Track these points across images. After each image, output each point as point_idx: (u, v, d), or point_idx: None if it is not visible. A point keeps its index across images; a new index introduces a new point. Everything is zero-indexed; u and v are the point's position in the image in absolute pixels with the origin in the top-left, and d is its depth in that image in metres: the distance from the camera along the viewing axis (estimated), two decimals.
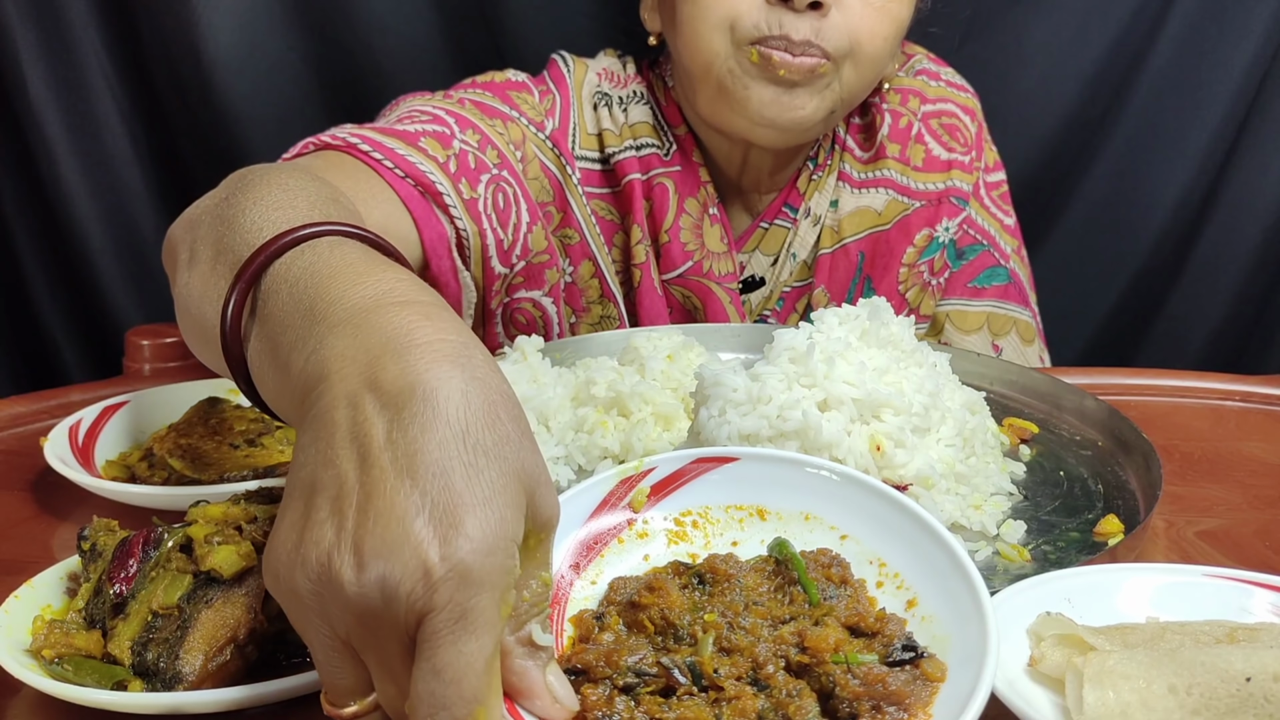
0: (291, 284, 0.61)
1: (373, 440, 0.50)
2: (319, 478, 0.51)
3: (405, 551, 0.48)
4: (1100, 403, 1.00)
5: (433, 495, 0.49)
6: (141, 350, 1.22)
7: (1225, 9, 1.61)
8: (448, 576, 0.48)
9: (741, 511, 0.69)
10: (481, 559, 0.48)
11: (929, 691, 0.57)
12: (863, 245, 1.28)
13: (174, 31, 1.49)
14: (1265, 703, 0.57)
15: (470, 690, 0.48)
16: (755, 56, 1.09)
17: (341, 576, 0.49)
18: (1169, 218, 1.70)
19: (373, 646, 0.51)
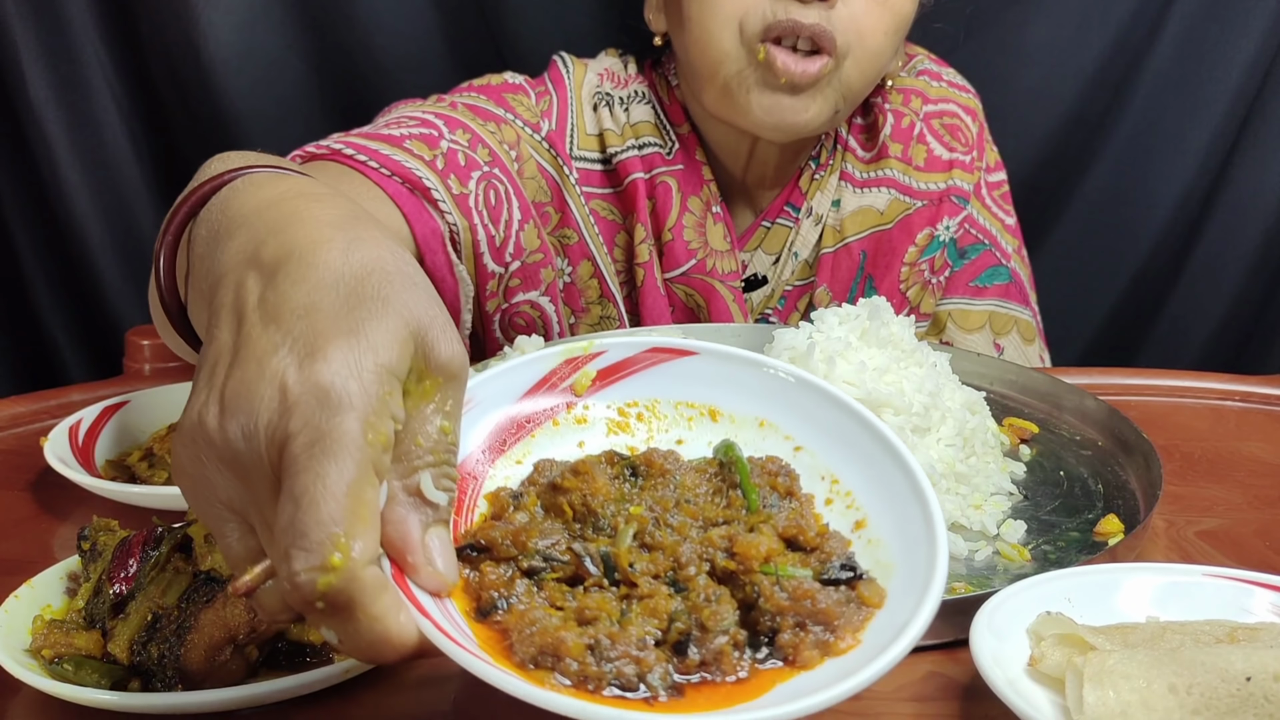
0: (208, 223, 0.60)
1: (247, 305, 0.50)
2: (204, 357, 0.51)
3: (263, 386, 0.46)
4: (1100, 403, 1.00)
5: (295, 332, 0.47)
6: (141, 350, 1.22)
7: (1225, 8, 1.61)
8: (303, 398, 0.46)
9: (692, 410, 0.64)
10: (342, 380, 0.46)
11: (862, 616, 0.53)
12: (865, 244, 1.28)
13: (174, 31, 1.49)
14: (1265, 702, 0.57)
15: (328, 514, 0.44)
16: (763, 55, 1.09)
17: (208, 428, 0.47)
18: (1169, 217, 1.70)
19: (251, 502, 0.48)
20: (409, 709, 0.65)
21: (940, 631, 0.70)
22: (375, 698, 0.65)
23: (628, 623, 0.51)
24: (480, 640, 0.50)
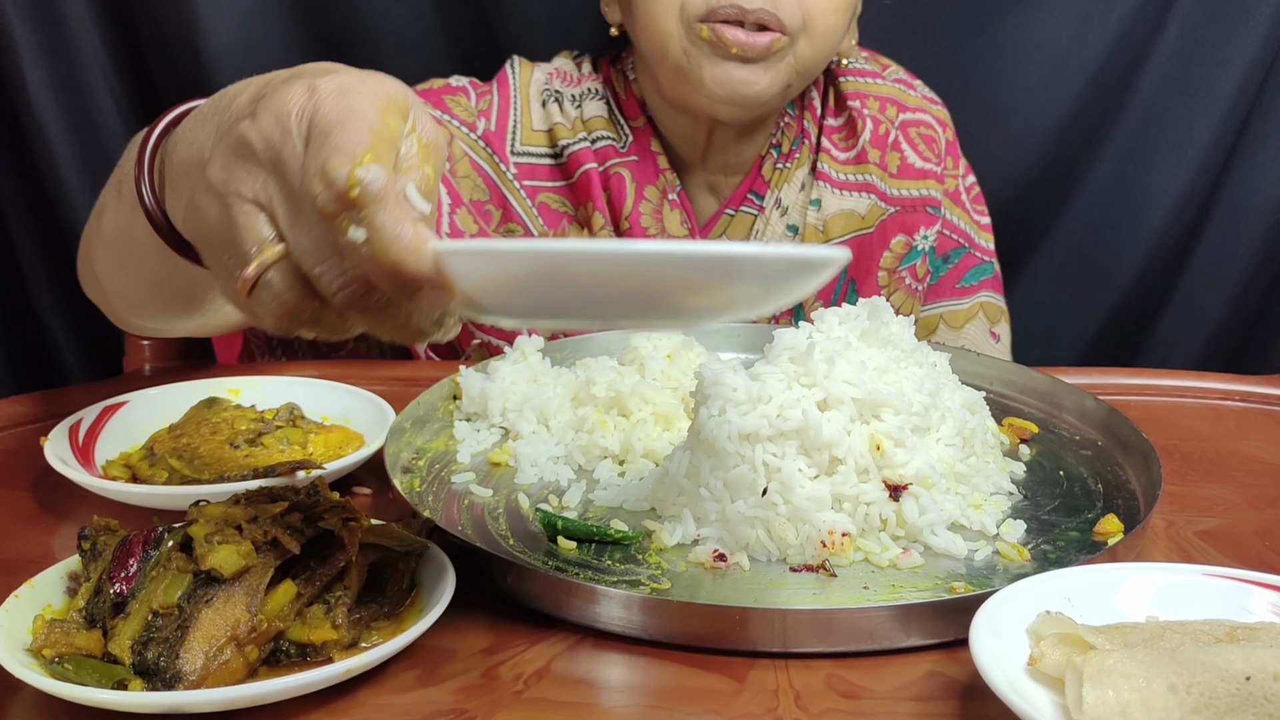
0: (179, 137, 0.69)
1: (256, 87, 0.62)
2: (222, 125, 0.61)
3: (291, 90, 0.56)
4: (1100, 402, 1.00)
5: (310, 73, 0.58)
6: (141, 350, 1.22)
7: (1226, 8, 1.61)
8: (325, 84, 0.55)
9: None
10: (356, 77, 0.56)
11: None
12: (848, 247, 1.29)
13: (174, 31, 1.49)
14: (1265, 702, 0.57)
15: (358, 135, 0.52)
16: (705, 33, 1.12)
17: (244, 134, 0.56)
18: (1170, 217, 1.70)
19: (286, 191, 0.55)
20: (409, 709, 0.65)
21: (940, 631, 0.70)
22: (375, 697, 0.65)
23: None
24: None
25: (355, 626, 0.68)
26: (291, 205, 0.55)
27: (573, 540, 0.82)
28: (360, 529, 0.70)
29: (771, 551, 0.80)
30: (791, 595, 0.76)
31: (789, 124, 1.31)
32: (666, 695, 0.67)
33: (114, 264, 0.86)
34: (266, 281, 0.56)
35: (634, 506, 0.88)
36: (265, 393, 1.02)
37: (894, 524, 0.81)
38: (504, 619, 0.74)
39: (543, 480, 0.92)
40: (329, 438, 0.94)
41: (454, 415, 1.03)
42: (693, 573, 0.79)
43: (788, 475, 0.79)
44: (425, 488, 0.91)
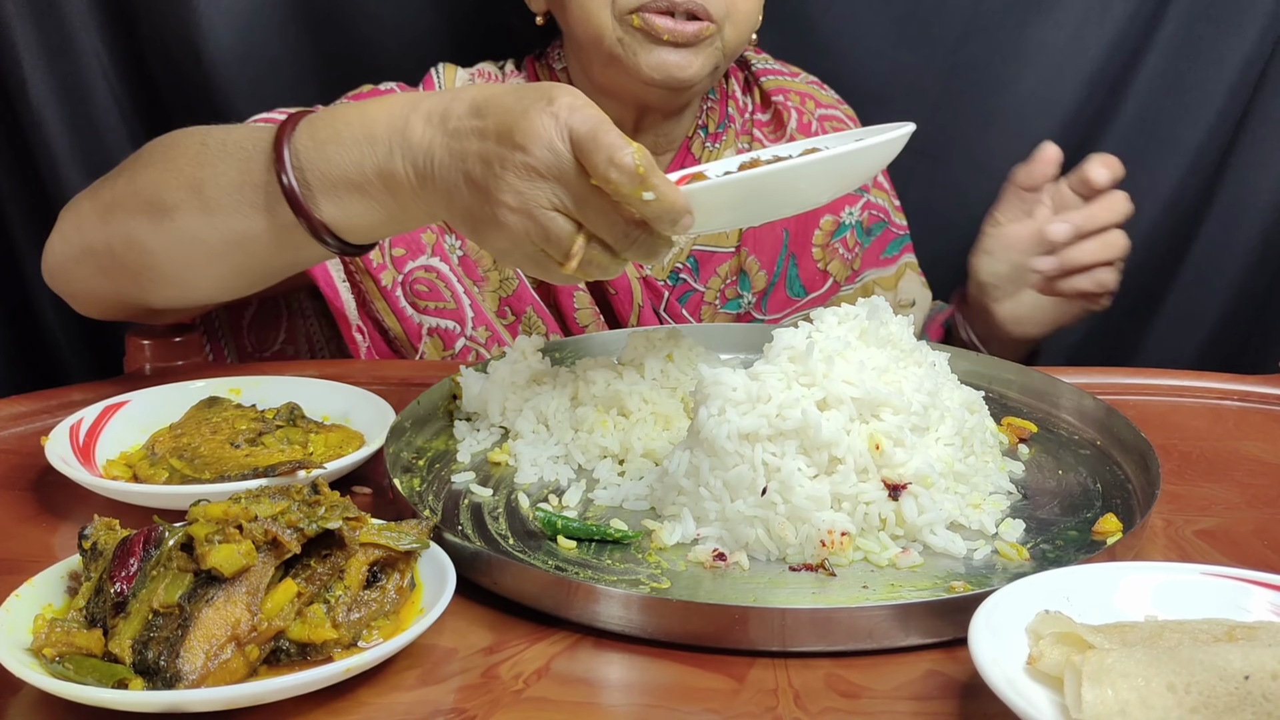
0: (323, 143, 0.89)
1: (456, 113, 0.85)
2: (457, 151, 0.83)
3: (537, 120, 0.79)
4: (1099, 402, 1.00)
5: (523, 94, 0.81)
6: (142, 350, 1.22)
7: (1221, 8, 1.61)
8: (563, 108, 0.79)
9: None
10: (566, 93, 0.80)
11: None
12: (787, 223, 1.40)
13: (175, 32, 1.49)
14: (1264, 701, 0.57)
15: (618, 134, 0.78)
16: (637, 22, 1.18)
17: (526, 163, 0.79)
18: (1166, 216, 1.70)
19: (567, 191, 0.80)
20: (409, 709, 0.65)
21: (939, 630, 0.70)
22: (375, 697, 0.66)
23: None
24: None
25: (355, 626, 0.68)
26: (578, 199, 0.80)
27: (572, 540, 0.82)
28: (360, 529, 0.70)
29: (771, 551, 0.80)
30: (791, 594, 0.76)
31: (712, 107, 1.40)
32: (666, 694, 0.67)
33: (202, 257, 0.98)
34: (585, 257, 0.82)
35: (634, 506, 0.88)
36: (265, 393, 1.02)
37: (893, 523, 0.81)
38: (504, 619, 0.74)
39: (542, 480, 0.92)
40: (329, 438, 0.94)
41: (454, 415, 1.03)
42: (692, 572, 0.79)
43: (787, 475, 0.79)
44: (425, 488, 0.91)
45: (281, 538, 0.67)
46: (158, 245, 0.99)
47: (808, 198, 0.91)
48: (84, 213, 1.06)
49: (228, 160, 0.95)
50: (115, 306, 1.12)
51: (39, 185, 1.56)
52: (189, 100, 1.54)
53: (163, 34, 1.50)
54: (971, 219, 1.79)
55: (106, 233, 1.02)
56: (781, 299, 1.41)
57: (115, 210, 1.02)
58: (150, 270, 1.02)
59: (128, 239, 1.01)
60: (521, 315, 1.31)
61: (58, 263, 1.09)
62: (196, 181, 0.96)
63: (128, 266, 1.03)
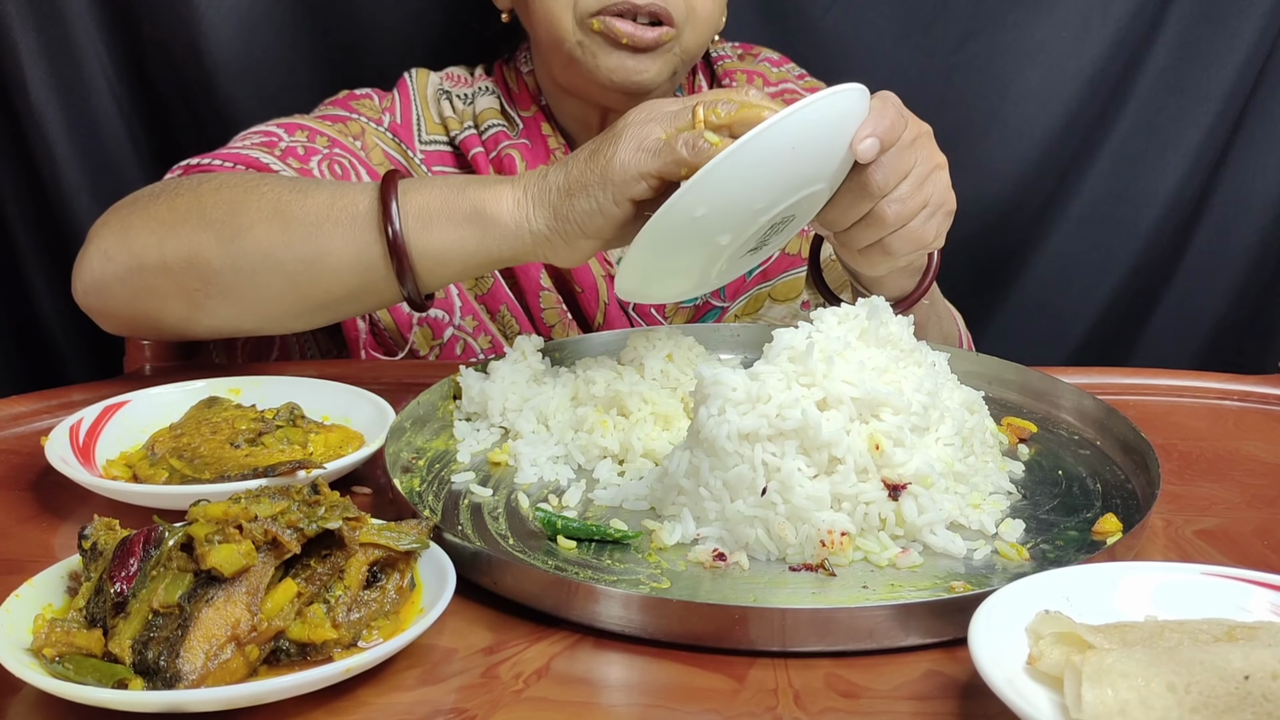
0: (434, 204, 0.99)
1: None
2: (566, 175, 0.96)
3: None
4: (1099, 402, 1.00)
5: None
6: (141, 350, 1.22)
7: (1221, 9, 1.61)
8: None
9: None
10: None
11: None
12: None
13: (175, 32, 1.49)
14: (1264, 700, 0.57)
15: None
16: (598, 25, 1.19)
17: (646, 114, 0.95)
18: (1165, 216, 1.71)
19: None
20: (409, 708, 0.65)
21: (939, 630, 0.70)
22: (375, 697, 0.66)
23: None
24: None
25: (355, 626, 0.68)
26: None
27: (572, 540, 0.82)
28: (360, 529, 0.70)
29: (771, 551, 0.80)
30: (791, 594, 0.76)
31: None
32: (666, 694, 0.67)
33: (270, 276, 1.02)
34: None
35: (634, 506, 0.88)
36: (265, 393, 1.02)
37: (893, 523, 0.81)
38: (504, 619, 0.74)
39: (542, 480, 0.92)
40: (329, 438, 0.94)
41: (454, 415, 1.03)
42: (692, 572, 0.79)
43: (787, 475, 0.79)
44: (425, 488, 0.91)
45: (281, 538, 0.67)
46: (225, 261, 1.01)
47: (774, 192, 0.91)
48: (133, 228, 1.05)
49: (317, 188, 1.02)
50: (151, 327, 1.12)
51: (39, 185, 1.56)
52: (189, 100, 1.54)
53: (164, 34, 1.50)
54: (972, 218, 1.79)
55: (164, 249, 1.02)
56: (739, 283, 1.39)
57: (177, 226, 1.02)
58: (210, 287, 1.02)
59: (190, 255, 1.01)
60: (496, 313, 1.33)
61: (96, 280, 1.07)
62: (279, 202, 1.01)
63: (183, 284, 1.03)
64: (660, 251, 0.94)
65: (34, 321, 1.66)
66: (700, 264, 0.99)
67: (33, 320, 1.66)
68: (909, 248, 0.99)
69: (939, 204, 1.00)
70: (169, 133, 1.58)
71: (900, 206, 0.97)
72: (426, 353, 1.31)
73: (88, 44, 1.50)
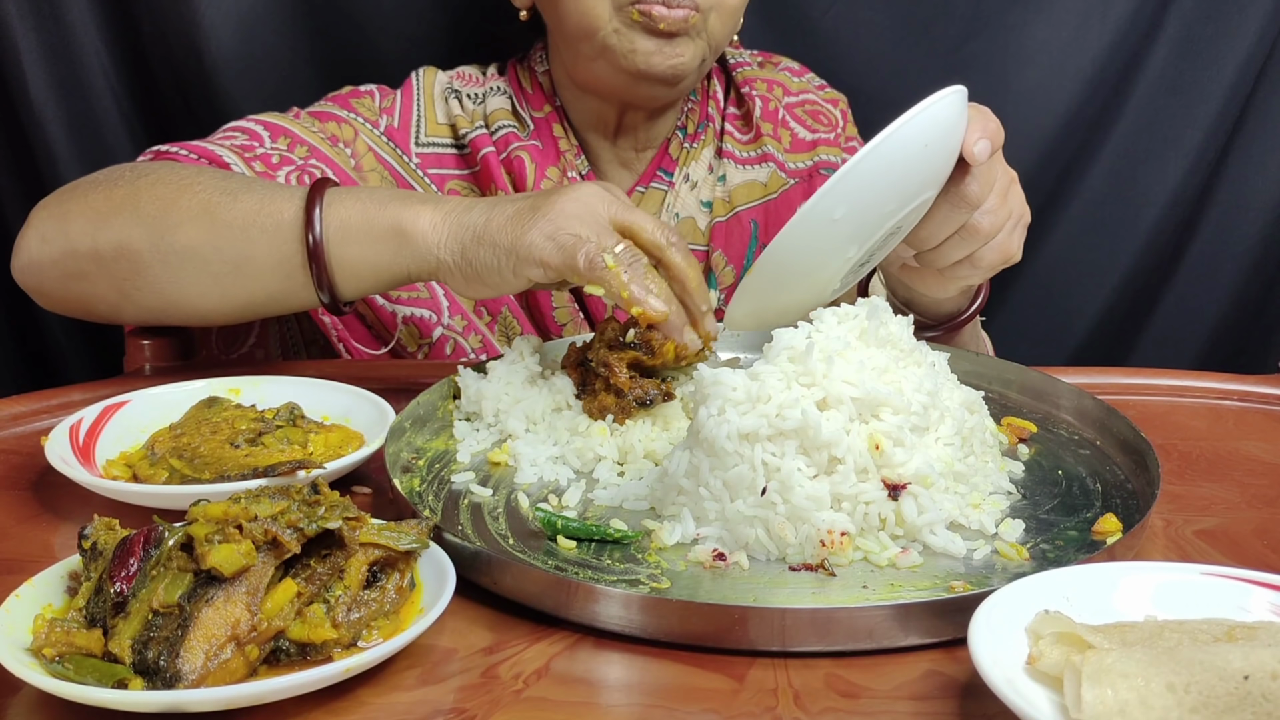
0: (355, 217, 1.01)
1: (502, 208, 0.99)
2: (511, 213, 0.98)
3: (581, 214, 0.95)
4: (1098, 402, 1.00)
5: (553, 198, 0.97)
6: (141, 350, 1.22)
7: (1221, 9, 1.61)
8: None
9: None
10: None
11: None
12: (755, 214, 1.41)
13: (176, 32, 1.49)
14: (1263, 700, 0.57)
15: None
16: (636, 15, 1.20)
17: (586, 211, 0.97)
18: (1165, 216, 1.71)
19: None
20: (409, 708, 0.65)
21: (939, 630, 0.70)
22: (375, 697, 0.66)
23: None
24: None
25: (355, 626, 0.68)
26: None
27: (572, 540, 0.82)
28: (360, 529, 0.70)
29: (771, 551, 0.80)
30: (791, 594, 0.76)
31: (693, 109, 1.41)
32: (666, 694, 0.67)
33: (196, 274, 1.04)
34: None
35: (633, 506, 0.88)
36: (265, 392, 1.02)
37: (893, 523, 0.81)
38: (504, 619, 0.74)
39: (542, 480, 0.92)
40: (329, 438, 0.94)
41: (454, 415, 1.03)
42: (692, 572, 0.79)
43: (787, 475, 0.79)
44: (425, 488, 0.91)
45: (281, 538, 0.67)
46: (154, 256, 1.04)
47: (884, 211, 0.89)
48: (70, 215, 1.08)
49: (248, 190, 1.04)
50: (82, 310, 1.14)
51: (39, 185, 1.55)
52: (189, 100, 1.54)
53: (164, 34, 1.50)
54: None
55: (96, 238, 1.05)
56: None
57: (111, 217, 1.05)
58: (138, 279, 1.05)
59: (120, 246, 1.04)
60: (497, 315, 1.33)
61: (31, 260, 1.11)
62: (209, 203, 1.03)
63: (113, 273, 1.06)
64: (786, 267, 0.92)
65: (34, 321, 1.66)
66: (820, 279, 0.96)
67: (33, 320, 1.66)
68: (997, 260, 0.99)
69: (1020, 215, 1.01)
70: (169, 132, 1.57)
71: (993, 218, 0.96)
72: (414, 350, 1.31)
73: (88, 43, 1.50)
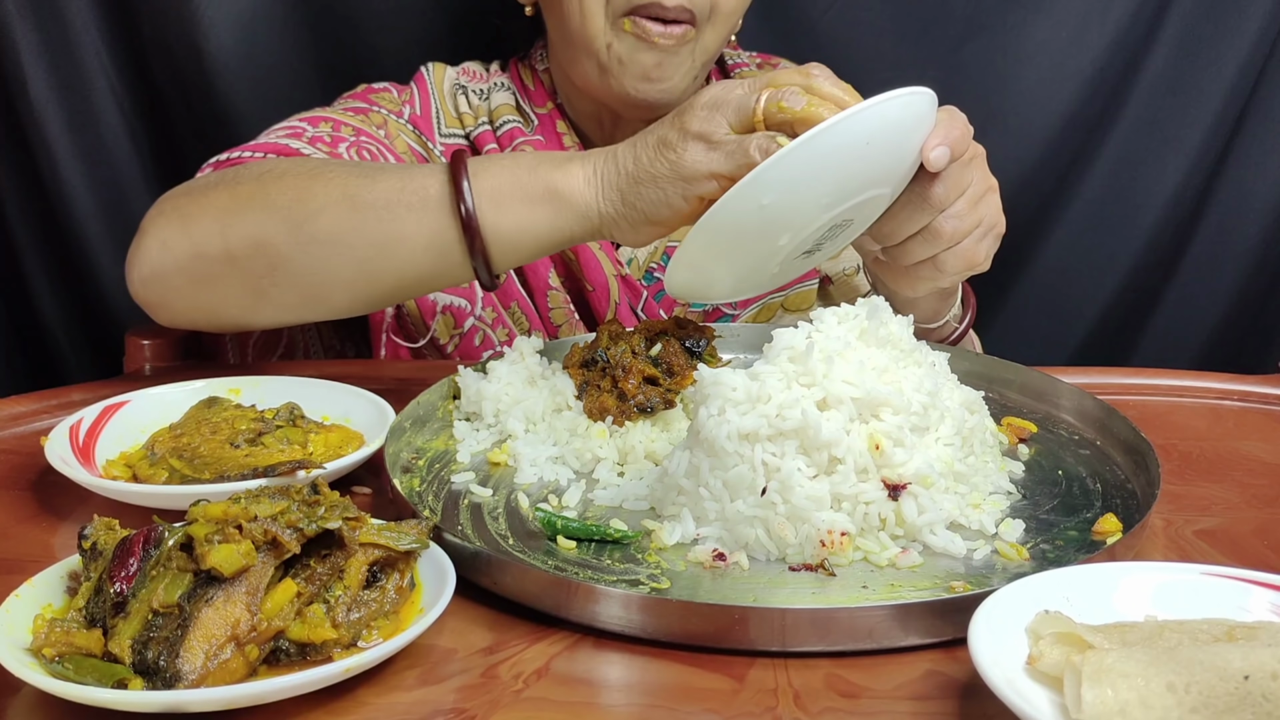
0: (506, 184, 0.97)
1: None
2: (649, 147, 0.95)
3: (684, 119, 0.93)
4: (1098, 402, 1.00)
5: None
6: (141, 350, 1.22)
7: (1221, 9, 1.61)
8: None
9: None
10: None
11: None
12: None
13: (176, 31, 1.49)
14: (1263, 700, 0.57)
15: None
16: (629, 26, 1.20)
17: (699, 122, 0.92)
18: (1165, 216, 1.71)
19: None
20: (409, 708, 0.65)
21: (939, 630, 0.70)
22: (375, 697, 0.66)
23: None
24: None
25: (355, 626, 0.68)
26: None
27: (572, 540, 0.82)
28: (360, 529, 0.70)
29: (771, 551, 0.80)
30: (790, 594, 0.76)
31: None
32: (666, 694, 0.67)
33: (341, 260, 1.00)
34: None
35: (633, 506, 0.88)
36: (265, 393, 1.02)
37: (893, 523, 0.81)
38: (504, 619, 0.74)
39: (542, 480, 0.92)
40: (329, 438, 0.94)
41: (454, 415, 1.03)
42: (692, 572, 0.79)
43: (787, 475, 0.79)
44: (425, 488, 0.91)
45: (281, 538, 0.67)
46: (294, 247, 0.99)
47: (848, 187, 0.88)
48: (192, 217, 1.03)
49: (384, 172, 1.01)
50: (210, 318, 1.10)
51: (39, 185, 1.56)
52: (190, 100, 1.54)
53: (164, 34, 1.50)
54: None
55: (227, 236, 1.01)
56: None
57: (241, 213, 1.01)
58: (276, 274, 1.01)
59: (257, 242, 1.00)
60: (508, 308, 1.33)
61: (155, 270, 1.05)
62: (347, 187, 1.00)
63: (249, 271, 1.01)
64: (717, 243, 0.92)
65: (34, 321, 1.66)
66: (754, 262, 0.96)
67: (33, 320, 1.66)
68: (960, 266, 0.99)
69: (990, 225, 1.00)
70: (169, 132, 1.58)
71: (957, 223, 0.96)
72: (446, 341, 1.31)
73: (88, 43, 1.50)
